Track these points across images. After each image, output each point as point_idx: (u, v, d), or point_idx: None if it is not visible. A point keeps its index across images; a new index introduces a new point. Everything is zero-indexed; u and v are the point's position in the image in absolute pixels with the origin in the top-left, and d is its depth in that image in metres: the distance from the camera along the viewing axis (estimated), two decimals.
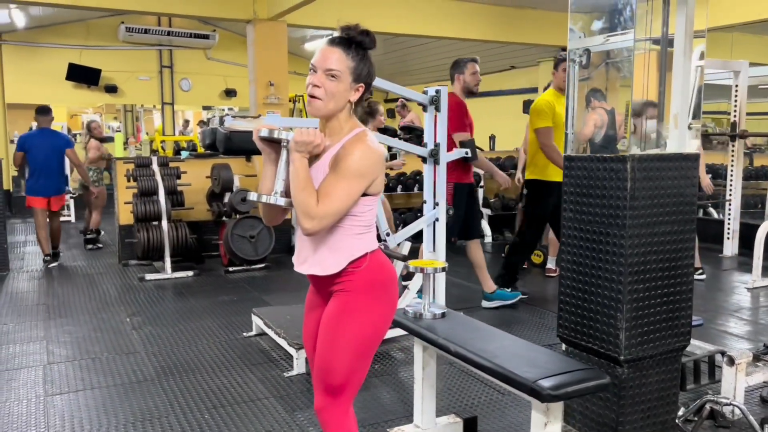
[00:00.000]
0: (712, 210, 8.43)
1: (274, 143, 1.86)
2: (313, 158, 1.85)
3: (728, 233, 6.92)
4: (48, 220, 6.48)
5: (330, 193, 1.75)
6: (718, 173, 9.01)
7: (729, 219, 6.92)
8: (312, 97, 1.82)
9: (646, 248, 2.54)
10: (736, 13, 7.45)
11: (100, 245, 7.62)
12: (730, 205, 6.89)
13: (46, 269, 6.32)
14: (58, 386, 3.35)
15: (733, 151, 6.85)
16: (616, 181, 2.54)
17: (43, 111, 6.54)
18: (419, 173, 7.58)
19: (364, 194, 1.81)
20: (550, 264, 5.94)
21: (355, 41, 1.84)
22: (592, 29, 3.01)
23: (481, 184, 7.95)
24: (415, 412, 2.71)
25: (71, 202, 10.01)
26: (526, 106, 11.16)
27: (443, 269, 2.67)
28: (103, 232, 8.08)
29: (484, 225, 7.70)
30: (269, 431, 2.81)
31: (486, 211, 8.07)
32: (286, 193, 1.85)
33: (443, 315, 2.60)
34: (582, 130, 3.03)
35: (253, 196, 1.88)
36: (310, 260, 1.88)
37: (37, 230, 6.53)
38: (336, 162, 1.79)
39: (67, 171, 9.47)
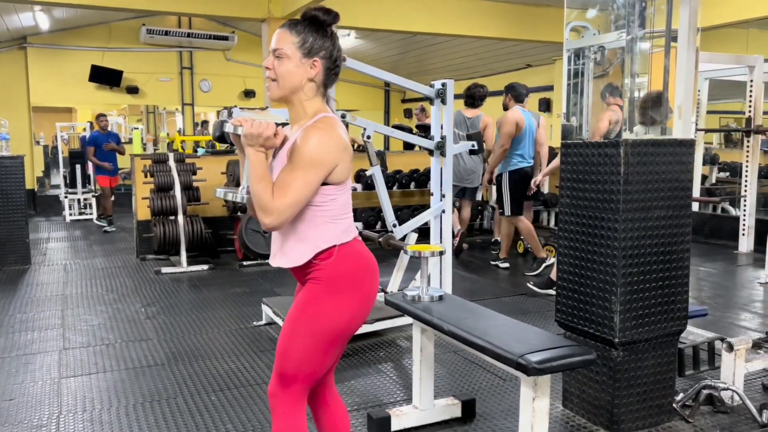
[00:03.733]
0: (729, 207, 8.34)
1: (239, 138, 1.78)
2: (278, 149, 1.81)
3: (743, 229, 6.86)
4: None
5: (286, 185, 1.69)
6: (735, 170, 8.92)
7: (744, 215, 6.86)
8: (268, 81, 1.80)
9: (640, 232, 2.58)
10: (753, 9, 7.37)
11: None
12: (745, 201, 6.83)
13: (65, 264, 6.48)
14: (72, 369, 3.47)
15: (748, 147, 6.80)
16: (610, 166, 2.58)
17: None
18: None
19: (326, 183, 1.74)
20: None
21: (306, 17, 1.79)
22: (600, 24, 3.05)
23: None
24: (414, 393, 2.77)
25: (93, 201, 10.22)
26: (542, 104, 11.15)
27: (441, 253, 2.72)
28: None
29: None
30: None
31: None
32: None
33: (440, 298, 2.66)
34: (597, 126, 3.07)
35: (219, 193, 1.83)
36: (278, 253, 1.85)
37: (104, 200, 9.27)
38: (292, 151, 1.72)
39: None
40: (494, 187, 7.99)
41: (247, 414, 2.88)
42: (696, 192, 7.62)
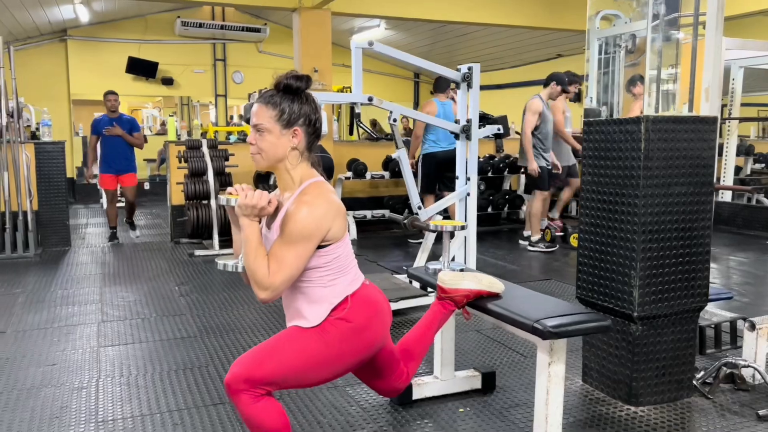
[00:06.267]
0: (763, 198, 8.21)
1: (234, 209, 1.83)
2: (272, 217, 1.85)
3: None
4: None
5: (280, 261, 1.74)
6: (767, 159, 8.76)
7: None
8: (253, 154, 1.86)
9: (660, 208, 2.61)
10: None
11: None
12: None
13: (102, 247, 6.71)
14: (110, 339, 3.63)
15: None
16: (631, 143, 2.61)
17: None
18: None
19: (322, 245, 1.80)
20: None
21: (279, 88, 1.83)
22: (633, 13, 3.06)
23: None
24: (435, 364, 2.85)
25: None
26: (575, 94, 11.07)
27: (462, 227, 2.79)
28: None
29: None
30: None
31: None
32: None
33: (461, 271, 2.72)
34: (627, 117, 3.09)
35: (219, 266, 1.91)
36: (296, 316, 1.90)
37: (107, 206, 7.28)
38: (284, 224, 1.78)
39: None
40: (522, 176, 8.05)
41: None
42: (729, 182, 7.54)
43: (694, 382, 2.84)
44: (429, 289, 3.92)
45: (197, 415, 2.64)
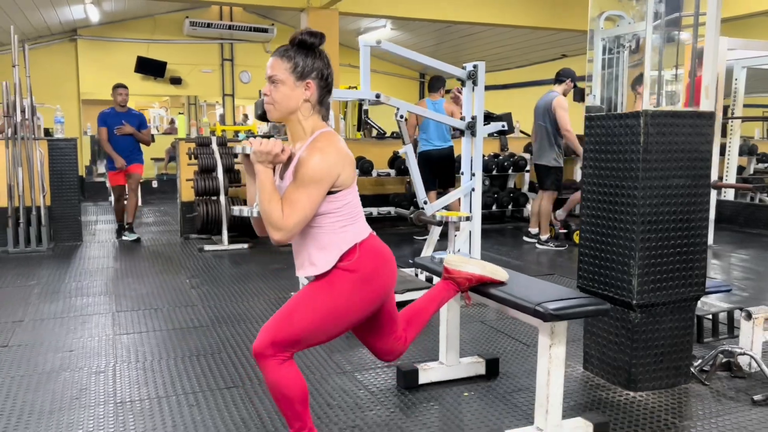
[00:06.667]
0: (766, 197, 8.29)
1: (248, 157, 1.94)
2: (285, 165, 1.95)
3: None
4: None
5: (293, 203, 1.83)
6: None
7: None
8: (268, 106, 1.95)
9: (658, 200, 2.70)
10: None
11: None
12: None
13: (113, 242, 6.83)
14: (124, 328, 3.75)
15: None
16: (631, 136, 2.70)
17: None
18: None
19: (333, 192, 1.89)
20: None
21: (294, 42, 1.92)
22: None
23: (527, 168, 8.09)
24: (441, 350, 2.94)
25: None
26: (577, 94, 11.15)
27: (467, 218, 2.89)
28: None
29: None
30: (309, 366, 3.11)
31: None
32: None
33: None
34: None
35: (235, 211, 2.03)
36: (306, 264, 1.99)
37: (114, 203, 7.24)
38: (296, 170, 1.87)
39: None
40: (527, 175, 8.14)
41: None
42: (732, 181, 7.61)
43: (692, 369, 2.92)
44: (435, 281, 4.02)
45: (211, 398, 2.74)
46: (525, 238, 6.66)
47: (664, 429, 2.47)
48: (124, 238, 6.86)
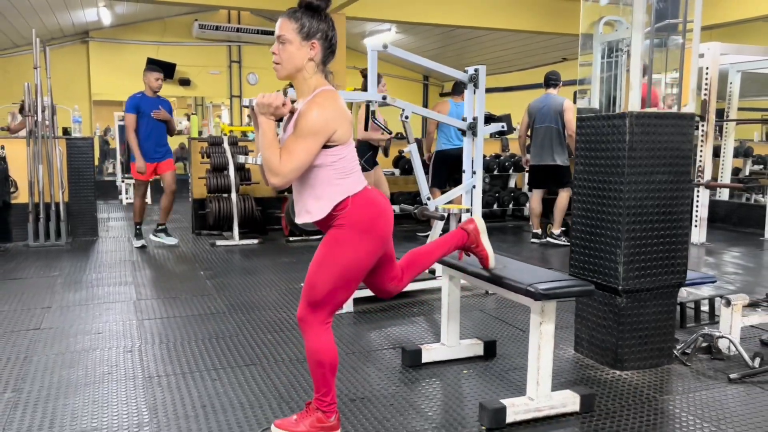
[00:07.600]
0: (760, 197, 8.51)
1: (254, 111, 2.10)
2: (287, 121, 2.13)
3: None
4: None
5: (291, 151, 2.00)
6: (765, 161, 9.04)
7: None
8: (275, 64, 2.10)
9: (643, 194, 2.94)
10: None
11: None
12: None
13: (128, 237, 7.09)
14: (146, 314, 4.00)
15: None
16: (617, 135, 2.95)
17: None
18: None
19: (329, 146, 2.04)
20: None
21: (302, 5, 2.07)
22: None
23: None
24: (442, 332, 3.19)
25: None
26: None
27: (468, 210, 3.13)
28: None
29: None
30: None
31: None
32: None
33: None
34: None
35: (240, 159, 2.32)
36: (303, 212, 2.17)
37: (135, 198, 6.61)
38: (296, 122, 2.03)
39: None
40: (527, 175, 8.37)
41: (299, 347, 3.35)
42: (726, 182, 7.84)
43: (675, 351, 3.17)
44: (436, 274, 4.27)
45: (232, 374, 2.99)
46: (532, 240, 6.81)
47: (646, 402, 2.70)
48: (156, 239, 6.46)
